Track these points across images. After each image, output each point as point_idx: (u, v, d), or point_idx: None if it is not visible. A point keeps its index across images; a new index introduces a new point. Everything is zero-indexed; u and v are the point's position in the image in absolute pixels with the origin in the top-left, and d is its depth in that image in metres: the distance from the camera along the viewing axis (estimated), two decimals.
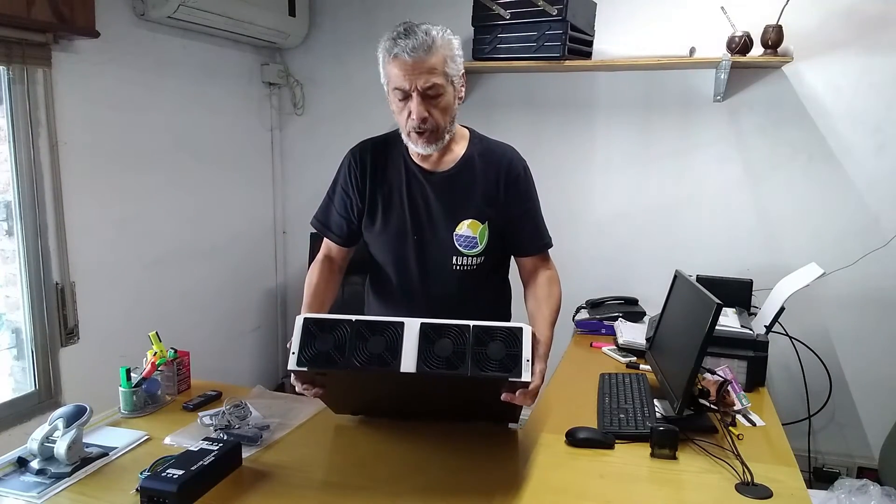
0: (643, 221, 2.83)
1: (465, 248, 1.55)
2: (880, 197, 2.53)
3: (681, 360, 1.56)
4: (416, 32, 1.40)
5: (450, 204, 1.55)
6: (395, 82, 1.43)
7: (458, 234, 1.55)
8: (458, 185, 1.55)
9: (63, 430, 1.29)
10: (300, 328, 1.26)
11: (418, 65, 1.40)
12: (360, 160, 1.62)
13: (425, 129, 1.45)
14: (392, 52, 1.41)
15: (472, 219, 1.55)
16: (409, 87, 1.42)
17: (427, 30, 1.42)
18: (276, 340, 3.47)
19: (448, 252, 1.55)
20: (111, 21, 2.33)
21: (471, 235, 1.55)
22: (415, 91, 1.42)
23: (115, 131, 2.42)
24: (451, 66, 1.45)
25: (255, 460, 1.34)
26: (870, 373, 2.62)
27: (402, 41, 1.40)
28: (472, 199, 1.55)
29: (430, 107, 1.44)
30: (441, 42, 1.43)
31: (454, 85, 1.47)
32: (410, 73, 1.40)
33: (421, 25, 1.43)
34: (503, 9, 2.57)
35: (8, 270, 2.19)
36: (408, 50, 1.39)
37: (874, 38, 2.46)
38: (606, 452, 1.40)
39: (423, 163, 1.57)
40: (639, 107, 2.78)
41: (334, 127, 3.24)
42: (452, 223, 1.55)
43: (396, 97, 1.46)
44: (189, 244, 2.83)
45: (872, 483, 1.94)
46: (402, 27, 1.43)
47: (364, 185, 1.61)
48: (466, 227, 1.55)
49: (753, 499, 1.23)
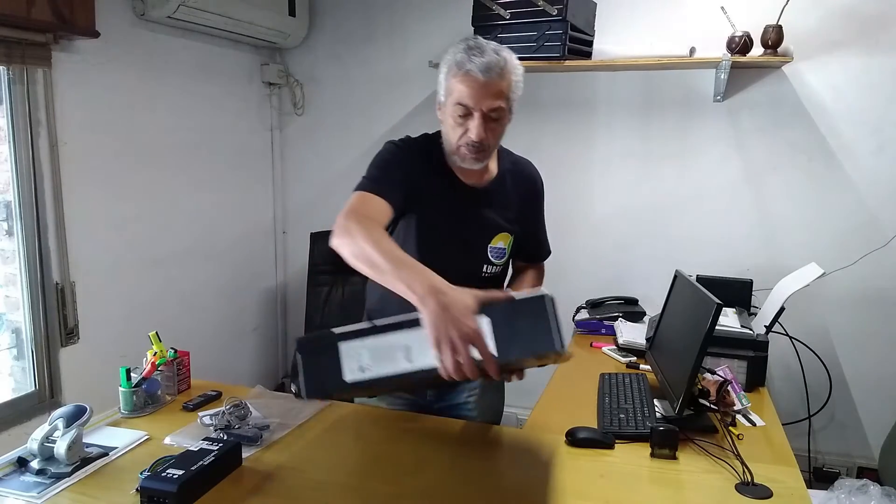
0: (643, 221, 2.83)
1: (496, 259, 1.61)
2: (880, 197, 2.53)
3: (681, 360, 1.56)
4: (488, 51, 1.38)
5: (487, 218, 1.59)
6: (459, 98, 1.41)
7: (493, 246, 1.59)
8: (495, 200, 1.59)
9: (63, 430, 1.29)
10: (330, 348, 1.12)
11: (489, 86, 1.38)
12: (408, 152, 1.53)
13: (479, 147, 1.45)
14: (464, 68, 1.38)
15: (504, 232, 1.60)
16: (473, 105, 1.40)
17: (498, 50, 1.40)
18: (276, 340, 3.47)
19: (480, 262, 1.60)
20: (111, 21, 2.33)
21: (502, 247, 1.61)
22: (479, 111, 1.40)
23: (115, 131, 2.42)
24: (514, 92, 1.44)
25: (255, 460, 1.34)
26: (870, 373, 2.62)
27: (477, 58, 1.37)
28: (506, 214, 1.60)
29: (489, 128, 1.43)
30: (511, 66, 1.42)
31: (511, 110, 1.47)
32: (479, 93, 1.38)
33: (490, 43, 1.41)
34: (503, 9, 2.57)
35: (8, 270, 2.19)
36: (482, 69, 1.37)
37: (874, 38, 2.45)
38: (606, 452, 1.40)
39: (462, 175, 1.56)
40: (639, 107, 2.78)
41: (334, 127, 3.24)
42: (489, 236, 1.59)
43: (457, 112, 1.42)
44: (189, 244, 2.83)
45: (872, 483, 1.94)
46: (471, 41, 1.40)
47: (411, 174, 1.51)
48: (500, 240, 1.60)
49: (753, 499, 1.23)
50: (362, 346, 1.10)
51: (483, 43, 1.41)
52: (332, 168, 3.26)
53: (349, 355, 1.09)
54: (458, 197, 1.56)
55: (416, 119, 3.07)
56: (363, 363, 1.10)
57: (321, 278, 3.01)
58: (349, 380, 1.09)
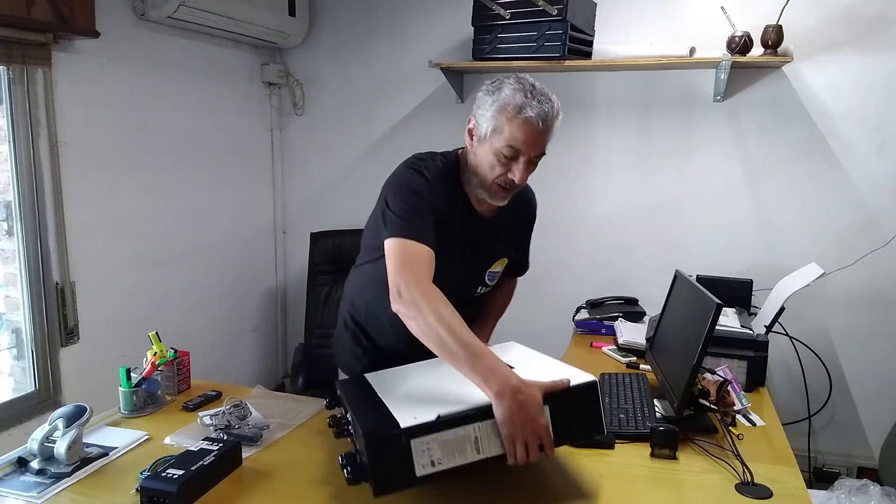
0: (643, 221, 2.83)
1: (490, 281, 1.65)
2: (880, 197, 2.53)
3: (681, 360, 1.56)
4: (546, 98, 1.36)
5: (491, 245, 1.61)
6: (512, 140, 1.36)
7: (491, 271, 1.63)
8: (500, 229, 1.61)
9: (63, 430, 1.29)
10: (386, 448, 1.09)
11: (543, 134, 1.37)
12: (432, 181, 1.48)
13: (513, 187, 1.44)
14: (525, 113, 1.34)
15: (503, 258, 1.64)
16: (524, 151, 1.37)
17: (552, 100, 1.37)
18: (276, 340, 3.47)
19: (477, 284, 1.63)
20: (111, 21, 2.33)
21: (498, 271, 1.65)
22: (526, 156, 1.39)
23: (115, 131, 2.42)
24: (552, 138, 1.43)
25: (255, 460, 1.34)
26: (870, 373, 2.62)
27: (536, 105, 1.34)
28: (507, 241, 1.64)
29: (528, 171, 1.42)
30: (557, 115, 1.39)
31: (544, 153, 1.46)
32: (533, 140, 1.36)
33: (546, 91, 1.38)
34: (503, 9, 2.57)
35: (8, 270, 2.19)
36: (542, 117, 1.34)
37: (874, 38, 2.45)
38: (606, 452, 1.40)
39: (476, 203, 1.54)
40: (639, 107, 2.78)
41: (334, 127, 3.24)
42: (489, 262, 1.62)
43: (504, 153, 1.38)
44: (189, 244, 2.83)
45: (872, 483, 1.94)
46: (527, 83, 1.36)
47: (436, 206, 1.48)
48: (498, 265, 1.64)
49: (753, 499, 1.23)
50: (433, 441, 1.10)
51: (540, 87, 1.38)
52: (332, 168, 3.27)
53: (420, 451, 1.09)
54: (471, 226, 1.55)
55: (417, 119, 3.07)
56: (434, 457, 1.11)
57: (321, 278, 3.01)
58: (420, 475, 1.10)
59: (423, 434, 1.10)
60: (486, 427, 1.14)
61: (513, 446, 1.13)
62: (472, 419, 1.13)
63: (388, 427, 1.10)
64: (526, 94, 1.35)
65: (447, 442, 1.11)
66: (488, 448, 1.14)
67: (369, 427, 1.10)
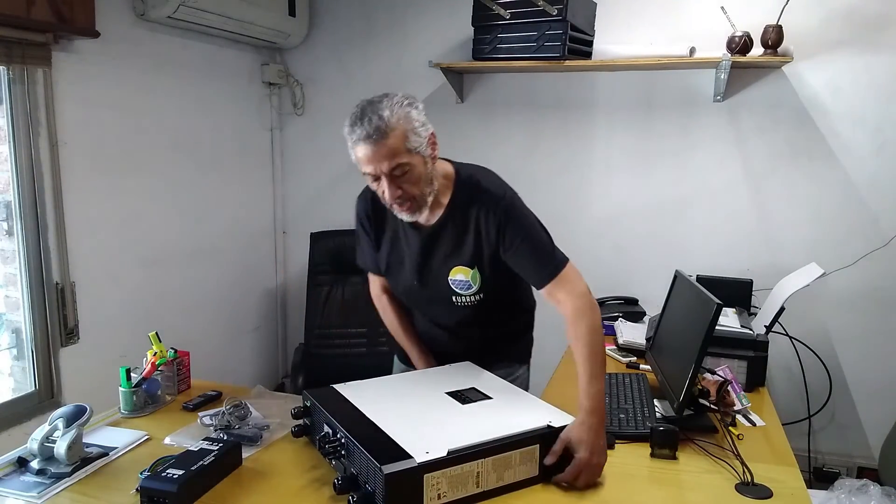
0: (643, 221, 2.83)
1: (461, 290, 1.58)
2: (880, 197, 2.53)
3: (681, 360, 1.56)
4: (370, 116, 1.37)
5: (440, 255, 1.58)
6: (362, 166, 1.43)
7: (452, 279, 1.58)
8: (445, 237, 1.56)
9: (63, 430, 1.29)
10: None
11: (377, 151, 1.38)
12: (364, 208, 1.66)
13: (403, 202, 1.46)
14: (352, 138, 1.41)
15: (461, 265, 1.56)
16: (374, 171, 1.41)
17: (380, 111, 1.38)
18: (276, 340, 3.47)
19: (447, 293, 1.60)
20: (111, 21, 2.33)
21: (463, 279, 1.57)
22: (382, 174, 1.41)
23: (115, 131, 2.42)
24: (412, 140, 1.40)
25: (255, 460, 1.34)
26: (870, 373, 2.62)
27: (358, 129, 1.38)
28: (460, 248, 1.56)
29: (402, 183, 1.42)
30: (395, 121, 1.38)
31: (422, 154, 1.43)
32: (373, 159, 1.39)
33: (375, 105, 1.39)
34: (503, 9, 2.57)
35: (8, 270, 2.19)
36: (363, 137, 1.37)
37: (874, 38, 2.45)
38: (606, 452, 1.40)
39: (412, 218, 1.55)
40: (639, 107, 2.78)
41: (334, 127, 3.18)
42: (446, 270, 1.58)
43: (367, 177, 1.46)
44: (189, 244, 2.83)
45: (872, 483, 1.94)
46: (358, 109, 1.41)
47: (372, 230, 1.67)
48: (459, 272, 1.57)
49: (753, 499, 1.23)
50: (442, 476, 1.15)
51: (367, 107, 1.39)
52: (332, 168, 3.26)
53: (430, 485, 1.14)
54: (409, 237, 1.60)
55: None
56: (441, 491, 1.16)
57: (321, 278, 3.01)
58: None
59: (435, 469, 1.14)
60: (488, 463, 1.20)
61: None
62: (479, 455, 1.19)
63: (403, 462, 1.12)
64: (353, 122, 1.39)
65: (454, 477, 1.17)
66: (486, 482, 1.21)
67: (385, 460, 1.11)
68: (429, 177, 1.46)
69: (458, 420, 1.32)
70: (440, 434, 1.23)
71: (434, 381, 1.52)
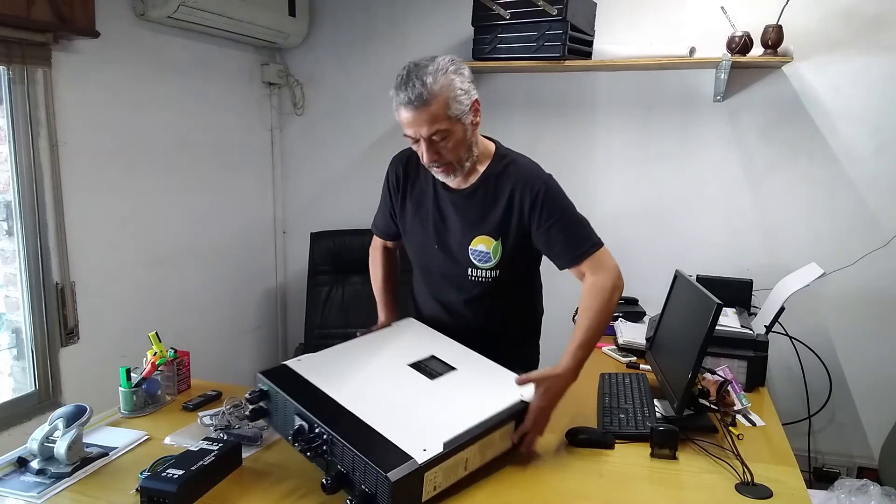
0: (643, 221, 2.83)
1: (479, 262, 1.60)
2: (880, 197, 2.53)
3: (681, 360, 1.56)
4: (413, 82, 1.40)
5: (466, 220, 1.59)
6: (404, 129, 1.47)
7: (473, 248, 1.59)
8: (475, 203, 1.59)
9: (63, 430, 1.29)
10: None
11: (419, 116, 1.41)
12: (396, 170, 1.70)
13: (440, 165, 1.49)
14: (396, 101, 1.44)
15: (485, 235, 1.58)
16: (413, 134, 1.45)
17: (423, 77, 1.40)
18: (276, 340, 3.47)
19: (464, 264, 1.61)
20: (111, 21, 2.33)
21: (485, 251, 1.59)
22: (422, 138, 1.44)
23: (115, 131, 2.42)
24: (454, 107, 1.43)
25: (255, 460, 1.34)
26: (870, 373, 2.62)
27: (402, 93, 1.42)
28: (487, 216, 1.58)
29: (440, 148, 1.46)
30: (439, 88, 1.41)
31: (462, 121, 1.46)
32: (413, 124, 1.43)
33: (420, 70, 1.42)
34: (503, 9, 2.57)
35: (8, 270, 2.19)
36: (406, 102, 1.41)
37: (874, 38, 2.45)
38: (606, 452, 1.41)
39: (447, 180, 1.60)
40: (639, 107, 2.78)
41: (334, 127, 3.24)
42: (468, 238, 1.59)
43: (409, 139, 1.49)
44: (189, 244, 2.83)
45: (872, 483, 1.94)
46: (404, 71, 1.44)
47: (398, 193, 1.70)
48: (481, 242, 1.59)
49: (753, 499, 1.23)
50: (439, 469, 1.17)
51: (412, 72, 1.42)
52: (332, 168, 3.26)
53: (429, 480, 1.16)
54: (441, 200, 1.62)
55: None
56: (437, 483, 1.18)
57: (321, 278, 3.01)
58: (425, 500, 1.17)
59: (434, 465, 1.15)
60: (475, 448, 1.25)
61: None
62: (469, 443, 1.22)
63: (404, 463, 1.12)
64: (398, 85, 1.43)
65: (448, 468, 1.19)
66: (472, 464, 1.26)
67: (388, 466, 1.10)
68: (468, 143, 1.50)
69: (435, 403, 1.34)
70: (427, 424, 1.24)
71: (389, 349, 1.53)
